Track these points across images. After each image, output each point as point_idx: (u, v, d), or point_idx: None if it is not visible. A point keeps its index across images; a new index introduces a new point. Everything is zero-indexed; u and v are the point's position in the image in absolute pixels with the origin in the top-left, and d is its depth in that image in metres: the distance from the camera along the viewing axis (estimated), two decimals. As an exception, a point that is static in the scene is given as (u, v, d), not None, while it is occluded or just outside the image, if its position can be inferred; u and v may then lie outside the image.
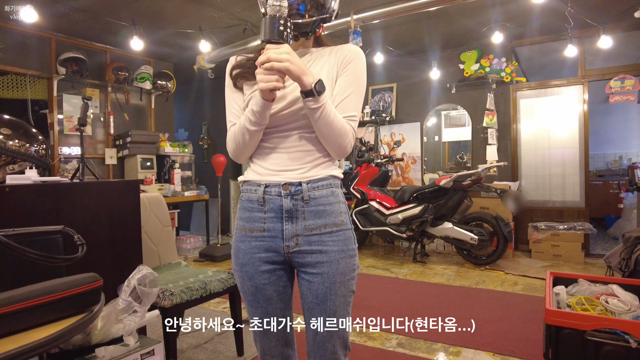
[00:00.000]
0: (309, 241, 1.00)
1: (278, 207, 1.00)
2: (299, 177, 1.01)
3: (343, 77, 1.03)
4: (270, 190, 1.01)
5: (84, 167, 2.63)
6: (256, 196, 1.02)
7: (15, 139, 1.74)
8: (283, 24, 0.88)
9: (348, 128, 1.00)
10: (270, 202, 1.01)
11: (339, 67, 1.04)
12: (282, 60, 0.87)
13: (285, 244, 1.01)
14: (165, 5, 3.65)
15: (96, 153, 4.70)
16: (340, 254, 1.01)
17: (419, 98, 5.19)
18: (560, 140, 4.48)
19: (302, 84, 0.91)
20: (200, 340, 2.39)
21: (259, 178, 1.03)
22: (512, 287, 3.32)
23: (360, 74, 1.05)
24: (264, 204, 1.01)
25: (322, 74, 1.02)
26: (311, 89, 0.90)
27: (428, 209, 4.03)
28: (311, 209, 1.00)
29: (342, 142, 0.99)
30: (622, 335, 1.47)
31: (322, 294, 1.00)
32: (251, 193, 1.04)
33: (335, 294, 1.00)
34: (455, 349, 2.23)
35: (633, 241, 2.34)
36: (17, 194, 1.50)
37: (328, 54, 1.06)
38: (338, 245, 1.01)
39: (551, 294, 1.80)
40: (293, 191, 1.00)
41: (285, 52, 0.88)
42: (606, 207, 5.81)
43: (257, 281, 1.03)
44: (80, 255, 1.09)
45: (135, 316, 1.32)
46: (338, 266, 1.00)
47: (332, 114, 0.95)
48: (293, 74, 0.89)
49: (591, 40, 4.19)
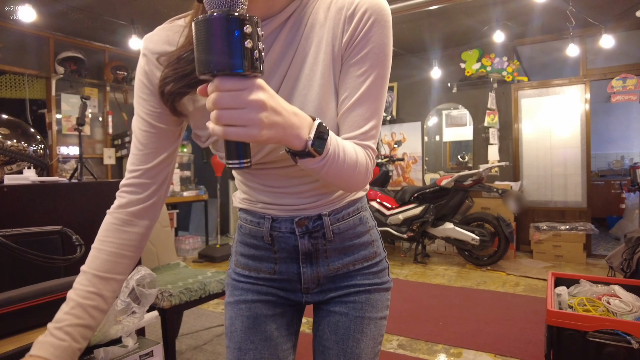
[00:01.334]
0: (335, 280, 0.78)
1: (292, 248, 0.74)
2: (318, 207, 0.73)
3: (355, 65, 0.64)
4: (280, 225, 0.74)
5: (82, 167, 2.62)
6: (260, 232, 0.75)
7: (14, 138, 1.73)
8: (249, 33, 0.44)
9: (364, 161, 0.63)
10: (280, 241, 0.74)
11: (346, 42, 0.63)
12: (253, 123, 0.46)
13: (304, 286, 0.77)
14: (164, 4, 3.64)
15: (94, 153, 4.70)
16: (372, 285, 0.78)
17: (420, 97, 5.18)
18: (562, 140, 4.47)
19: (292, 145, 0.53)
20: (200, 342, 2.39)
21: (260, 210, 0.75)
22: (514, 288, 3.31)
23: (384, 49, 0.64)
24: (272, 244, 0.75)
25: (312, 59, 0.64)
26: (307, 150, 0.53)
27: (429, 209, 4.02)
28: (335, 246, 0.75)
29: (354, 183, 0.64)
30: (623, 336, 1.46)
31: (344, 331, 0.75)
32: (253, 226, 0.76)
33: (362, 332, 0.75)
34: (456, 350, 2.22)
35: (635, 242, 2.33)
36: (15, 194, 1.49)
37: (323, 13, 0.65)
38: (369, 279, 0.78)
39: (553, 295, 1.79)
40: (311, 227, 0.73)
41: (258, 103, 0.45)
42: (608, 207, 5.80)
43: (258, 311, 0.77)
44: (78, 255, 1.08)
45: (134, 317, 1.31)
46: (369, 296, 0.76)
47: (342, 159, 0.58)
48: (274, 141, 0.50)
49: (593, 39, 4.17)
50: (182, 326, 2.48)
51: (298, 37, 0.64)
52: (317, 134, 0.53)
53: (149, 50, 0.66)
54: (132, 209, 0.69)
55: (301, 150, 0.53)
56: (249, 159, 0.49)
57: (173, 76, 0.61)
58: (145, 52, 0.66)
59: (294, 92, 0.65)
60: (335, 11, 0.64)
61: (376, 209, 4.31)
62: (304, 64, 0.65)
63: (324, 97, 0.64)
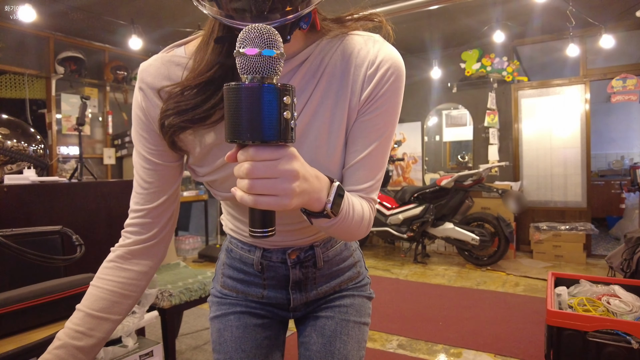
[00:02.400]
0: (320, 301, 0.81)
1: (282, 277, 0.76)
2: (310, 238, 0.75)
3: (369, 122, 0.64)
4: (271, 255, 0.75)
5: (82, 167, 2.62)
6: (251, 259, 0.76)
7: (14, 138, 1.73)
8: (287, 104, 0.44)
9: (368, 215, 0.65)
10: (270, 270, 0.76)
11: (365, 99, 0.63)
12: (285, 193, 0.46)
13: (292, 307, 0.79)
14: (164, 4, 3.64)
15: (94, 153, 4.70)
16: (355, 291, 0.82)
17: (420, 97, 5.17)
18: (562, 140, 4.47)
19: (311, 207, 0.54)
20: (199, 342, 2.39)
21: (251, 242, 0.76)
22: (514, 288, 3.31)
23: (397, 107, 0.65)
24: (262, 272, 0.76)
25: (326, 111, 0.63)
26: (325, 212, 0.55)
27: (429, 209, 4.02)
28: (324, 272, 0.78)
29: (357, 235, 0.65)
30: (623, 336, 1.46)
31: (330, 334, 0.77)
32: (244, 252, 0.77)
33: (348, 334, 0.77)
34: (456, 350, 2.22)
35: (635, 242, 2.33)
36: (15, 194, 1.49)
37: (341, 66, 0.63)
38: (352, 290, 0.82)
39: (553, 295, 1.79)
40: (302, 257, 0.75)
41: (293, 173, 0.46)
42: (608, 207, 5.80)
43: (247, 321, 0.78)
44: (78, 255, 1.08)
45: (134, 317, 1.31)
46: (353, 301, 0.80)
47: (351, 217, 0.60)
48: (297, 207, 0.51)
49: (593, 39, 4.17)
50: (182, 326, 2.48)
51: (311, 86, 0.62)
52: (335, 196, 0.54)
53: (147, 84, 0.62)
54: (135, 248, 0.67)
55: (318, 212, 0.54)
56: (273, 228, 0.48)
57: (175, 109, 0.58)
58: (142, 87, 0.63)
59: (304, 141, 0.63)
60: (354, 67, 0.63)
61: (376, 209, 4.31)
62: (317, 114, 0.63)
63: (336, 150, 0.64)
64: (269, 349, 0.78)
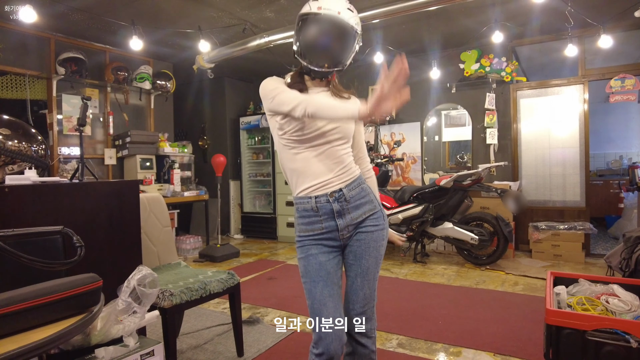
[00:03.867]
0: (356, 226, 1.34)
1: (330, 211, 1.31)
2: (339, 184, 1.31)
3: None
4: (320, 199, 1.30)
5: (83, 167, 2.62)
6: (310, 206, 1.31)
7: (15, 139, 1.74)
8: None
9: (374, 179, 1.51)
10: (321, 208, 1.31)
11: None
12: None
13: (341, 233, 1.33)
14: (165, 5, 3.64)
15: (95, 153, 4.70)
16: (374, 227, 1.35)
17: (419, 98, 5.18)
18: (561, 140, 4.48)
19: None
20: (200, 341, 2.39)
21: (307, 194, 1.32)
22: (513, 287, 3.32)
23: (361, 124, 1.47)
24: (318, 211, 1.31)
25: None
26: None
27: (428, 209, 4.03)
28: (352, 205, 1.33)
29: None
30: (622, 335, 1.47)
31: (359, 254, 1.34)
32: (305, 204, 1.32)
33: (369, 254, 1.34)
34: (455, 349, 2.23)
35: (633, 241, 2.34)
36: (16, 194, 1.50)
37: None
38: (372, 223, 1.35)
39: (552, 294, 1.80)
40: (337, 196, 1.31)
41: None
42: (607, 206, 5.81)
43: (321, 259, 1.32)
44: (77, 259, 1.08)
45: (135, 317, 1.32)
46: (372, 235, 1.35)
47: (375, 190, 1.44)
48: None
49: (591, 39, 4.18)
50: (183, 325, 2.49)
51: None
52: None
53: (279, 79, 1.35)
54: None
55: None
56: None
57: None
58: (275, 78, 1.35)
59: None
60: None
61: None
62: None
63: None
64: (334, 273, 1.33)
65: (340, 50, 1.30)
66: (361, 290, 1.33)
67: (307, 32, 1.28)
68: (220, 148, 6.02)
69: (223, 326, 2.60)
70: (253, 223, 5.99)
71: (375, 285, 1.38)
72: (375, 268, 1.35)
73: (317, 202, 1.30)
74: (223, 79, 6.04)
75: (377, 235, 1.35)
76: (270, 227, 5.77)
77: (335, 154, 1.31)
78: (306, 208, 1.32)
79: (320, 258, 1.31)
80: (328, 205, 1.30)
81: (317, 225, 1.32)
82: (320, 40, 1.28)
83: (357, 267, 1.33)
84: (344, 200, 1.31)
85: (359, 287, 1.34)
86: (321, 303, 1.28)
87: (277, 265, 4.27)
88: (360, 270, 1.33)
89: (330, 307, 1.27)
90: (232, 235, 6.13)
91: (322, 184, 1.30)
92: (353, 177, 1.34)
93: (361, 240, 1.33)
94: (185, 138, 6.14)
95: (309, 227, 1.33)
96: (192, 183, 5.27)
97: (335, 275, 1.32)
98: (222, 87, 6.11)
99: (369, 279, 1.34)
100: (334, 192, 1.30)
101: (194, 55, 4.66)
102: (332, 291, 1.29)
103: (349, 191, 1.32)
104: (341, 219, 1.31)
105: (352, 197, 1.32)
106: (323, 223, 1.31)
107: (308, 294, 1.32)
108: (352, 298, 1.34)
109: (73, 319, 1.01)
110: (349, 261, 1.35)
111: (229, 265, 4.31)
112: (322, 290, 1.29)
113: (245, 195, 6.14)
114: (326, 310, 1.26)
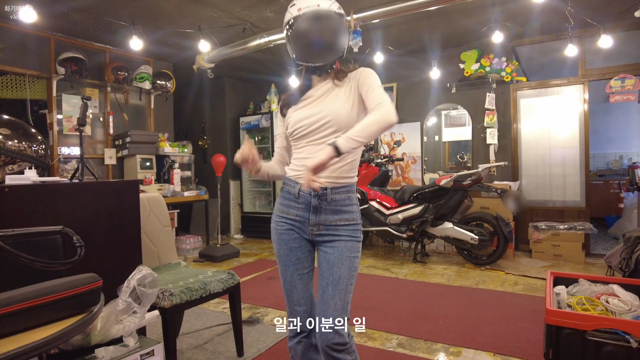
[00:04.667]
0: (327, 229, 1.34)
1: (308, 203, 1.34)
2: (326, 183, 1.31)
3: (362, 87, 1.31)
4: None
5: (83, 167, 2.63)
6: (294, 191, 1.35)
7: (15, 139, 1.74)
8: None
9: (379, 115, 1.20)
10: (303, 197, 1.34)
11: (358, 85, 1.32)
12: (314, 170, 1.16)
13: (310, 228, 1.35)
14: (165, 5, 3.64)
15: (95, 153, 4.70)
16: (349, 237, 1.34)
17: (419, 98, 5.18)
18: (561, 140, 4.48)
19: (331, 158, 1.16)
20: (200, 341, 2.39)
21: (297, 177, 1.35)
22: (513, 287, 3.32)
23: (370, 77, 1.32)
24: (298, 198, 1.35)
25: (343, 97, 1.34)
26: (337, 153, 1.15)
27: (428, 208, 4.03)
28: (330, 207, 1.33)
29: (384, 127, 1.20)
30: (622, 335, 1.46)
31: (332, 262, 1.32)
32: (290, 187, 1.37)
33: (342, 263, 1.32)
34: (455, 349, 2.23)
35: (633, 241, 2.34)
36: (16, 194, 1.49)
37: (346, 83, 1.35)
38: (348, 233, 1.34)
39: (552, 294, 1.80)
40: (320, 193, 1.32)
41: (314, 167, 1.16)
42: (607, 206, 5.81)
43: (291, 245, 1.37)
44: (77, 259, 1.08)
45: (135, 317, 1.32)
46: (347, 244, 1.33)
47: (361, 133, 1.17)
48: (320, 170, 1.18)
49: (591, 39, 4.18)
50: (183, 325, 2.49)
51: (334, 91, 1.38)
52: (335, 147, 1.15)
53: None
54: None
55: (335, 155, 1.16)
56: None
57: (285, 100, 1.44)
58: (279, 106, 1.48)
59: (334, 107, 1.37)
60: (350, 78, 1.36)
61: (376, 208, 4.32)
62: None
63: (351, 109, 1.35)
64: (304, 260, 1.39)
65: (334, 39, 1.32)
66: (332, 300, 1.29)
67: (297, 36, 1.31)
68: (220, 148, 6.01)
69: (223, 326, 2.60)
70: (253, 223, 5.99)
71: (348, 298, 1.32)
72: (347, 279, 1.31)
73: (300, 190, 1.33)
74: (223, 79, 6.04)
75: (352, 246, 1.33)
76: (270, 227, 5.76)
77: None
78: (290, 191, 1.36)
79: (291, 244, 1.37)
80: (308, 197, 1.32)
81: (293, 210, 1.36)
82: (312, 37, 1.30)
83: (329, 275, 1.31)
84: (324, 200, 1.32)
85: (329, 297, 1.29)
86: (291, 285, 1.39)
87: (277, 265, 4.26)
88: (332, 279, 1.30)
89: (299, 289, 1.38)
90: (232, 235, 6.13)
91: None
92: (345, 182, 1.34)
93: (335, 248, 1.32)
94: (185, 138, 6.14)
95: (285, 210, 1.38)
96: (192, 183, 5.27)
97: (306, 260, 1.39)
98: (222, 87, 6.11)
99: (340, 289, 1.29)
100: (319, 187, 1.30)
101: (194, 55, 4.66)
102: (302, 273, 1.38)
103: (334, 194, 1.32)
104: (315, 215, 1.33)
105: (335, 200, 1.32)
106: (298, 211, 1.35)
107: (280, 275, 1.42)
108: (322, 308, 1.31)
109: (73, 319, 1.01)
110: (322, 269, 1.34)
111: (229, 265, 4.31)
112: (293, 274, 1.38)
113: (245, 195, 6.14)
114: (296, 292, 1.39)
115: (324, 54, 1.31)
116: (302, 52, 1.33)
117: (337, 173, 1.32)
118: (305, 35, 1.30)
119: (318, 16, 1.28)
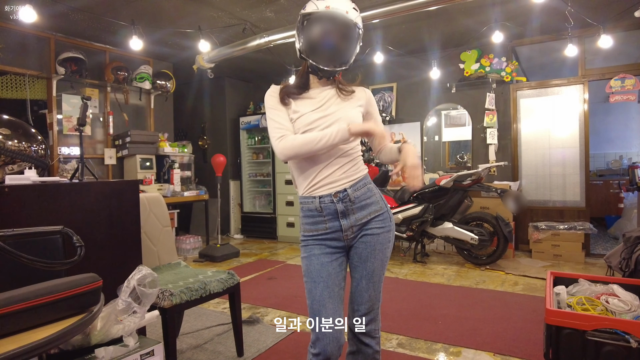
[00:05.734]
0: (360, 228, 1.33)
1: (334, 211, 1.31)
2: (343, 185, 1.31)
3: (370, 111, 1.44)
4: (324, 199, 1.30)
5: (83, 167, 2.62)
6: (314, 206, 1.32)
7: (15, 139, 1.74)
8: None
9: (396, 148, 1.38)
10: (325, 208, 1.31)
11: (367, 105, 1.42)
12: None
13: (344, 234, 1.33)
14: (165, 5, 3.64)
15: (95, 153, 4.70)
16: (380, 229, 1.34)
17: (419, 98, 5.18)
18: (561, 140, 4.48)
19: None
20: (200, 341, 2.39)
21: (311, 192, 1.33)
22: (513, 287, 3.32)
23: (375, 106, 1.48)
24: (322, 211, 1.32)
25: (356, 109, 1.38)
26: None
27: (428, 208, 4.03)
28: (357, 205, 1.32)
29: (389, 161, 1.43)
30: (622, 335, 1.47)
31: (365, 257, 1.34)
32: (309, 204, 1.33)
33: (375, 256, 1.34)
34: (455, 349, 2.23)
35: (633, 241, 2.34)
36: (16, 194, 1.50)
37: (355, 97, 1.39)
38: (378, 225, 1.34)
39: (551, 294, 1.80)
40: (342, 196, 1.31)
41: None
42: (606, 206, 5.81)
43: (322, 260, 1.32)
44: (77, 259, 1.08)
45: (135, 317, 1.32)
46: (378, 238, 1.34)
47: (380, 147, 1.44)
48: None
49: (591, 39, 4.18)
50: (183, 325, 2.49)
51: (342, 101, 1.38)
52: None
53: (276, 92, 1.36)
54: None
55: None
56: None
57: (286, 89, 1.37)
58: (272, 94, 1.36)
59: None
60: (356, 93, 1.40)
61: None
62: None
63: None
64: (336, 275, 1.32)
65: (347, 49, 1.32)
66: (366, 292, 1.34)
67: (314, 31, 1.29)
68: (220, 148, 6.01)
69: (223, 326, 2.60)
70: (253, 223, 5.99)
71: (381, 287, 1.37)
72: (380, 270, 1.35)
73: (321, 203, 1.30)
74: (223, 79, 6.04)
75: (383, 238, 1.34)
76: (270, 227, 5.77)
77: (339, 150, 1.30)
78: (310, 208, 1.32)
79: (323, 259, 1.31)
80: (332, 206, 1.30)
81: (321, 225, 1.32)
82: (329, 39, 1.28)
83: (362, 269, 1.33)
84: (348, 201, 1.30)
85: (364, 289, 1.34)
86: (320, 304, 1.28)
87: (277, 265, 4.27)
88: (365, 273, 1.33)
89: (329, 309, 1.27)
90: (232, 235, 6.13)
91: (325, 181, 1.30)
92: (359, 176, 1.33)
93: (367, 243, 1.32)
94: (185, 138, 6.14)
95: (313, 227, 1.33)
96: (192, 183, 5.27)
97: (337, 277, 1.32)
98: (222, 87, 6.11)
99: (374, 281, 1.34)
100: (338, 192, 1.30)
101: (194, 55, 4.66)
102: (333, 292, 1.30)
103: (354, 191, 1.31)
104: (345, 219, 1.31)
105: (357, 197, 1.31)
106: (327, 223, 1.31)
107: (308, 294, 1.32)
108: (357, 299, 1.35)
109: (73, 318, 1.01)
110: (354, 263, 1.35)
111: (229, 265, 4.31)
112: (322, 292, 1.29)
113: (245, 195, 6.14)
114: (325, 311, 1.27)
115: (331, 59, 1.30)
116: (311, 49, 1.30)
117: (349, 172, 1.32)
118: (321, 35, 1.28)
119: (343, 22, 1.27)
